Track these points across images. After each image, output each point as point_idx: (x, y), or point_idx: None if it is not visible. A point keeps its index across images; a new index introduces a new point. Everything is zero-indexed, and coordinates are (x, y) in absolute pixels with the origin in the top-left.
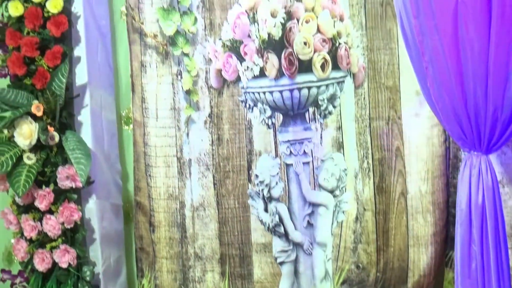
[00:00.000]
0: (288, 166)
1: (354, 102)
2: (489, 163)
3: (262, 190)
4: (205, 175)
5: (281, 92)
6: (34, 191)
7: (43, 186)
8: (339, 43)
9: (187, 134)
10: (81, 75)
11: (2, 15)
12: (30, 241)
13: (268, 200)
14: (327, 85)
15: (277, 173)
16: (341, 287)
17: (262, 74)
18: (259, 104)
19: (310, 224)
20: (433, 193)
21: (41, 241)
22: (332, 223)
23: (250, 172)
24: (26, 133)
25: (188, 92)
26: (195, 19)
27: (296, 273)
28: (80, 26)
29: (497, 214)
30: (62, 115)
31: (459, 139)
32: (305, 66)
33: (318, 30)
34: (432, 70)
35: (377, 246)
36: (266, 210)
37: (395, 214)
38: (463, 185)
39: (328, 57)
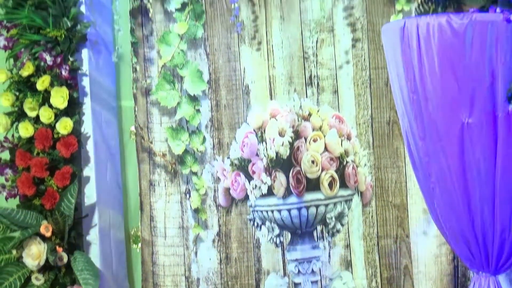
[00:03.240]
0: (296, 285)
1: (362, 220)
2: (497, 284)
3: None
4: None
5: (289, 210)
6: None
7: None
8: (347, 162)
9: (196, 253)
10: (90, 195)
11: (13, 136)
12: None
13: None
14: (335, 204)
15: None
16: None
17: (270, 192)
18: (267, 223)
19: None
20: None
21: None
22: None
23: None
24: (34, 254)
25: (196, 211)
26: (204, 138)
27: None
28: (90, 146)
29: None
30: (70, 235)
31: (467, 259)
32: (313, 185)
33: (326, 149)
34: (439, 191)
35: None
36: None
37: None
38: None
39: (335, 176)
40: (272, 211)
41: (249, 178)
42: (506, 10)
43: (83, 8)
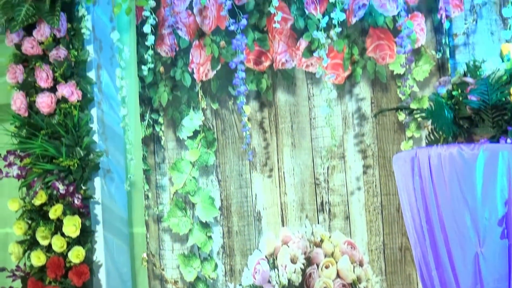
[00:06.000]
0: None
1: None
2: None
3: None
4: None
5: None
6: None
7: None
8: None
9: None
10: None
11: (25, 264)
12: None
13: None
14: None
15: None
16: None
17: None
18: None
19: None
20: None
21: None
22: None
23: None
24: None
25: None
26: (216, 265)
27: None
28: (102, 274)
29: None
30: None
31: None
32: None
33: (338, 275)
34: None
35: None
36: None
37: None
38: None
39: None
40: None
41: None
42: None
43: (96, 137)
